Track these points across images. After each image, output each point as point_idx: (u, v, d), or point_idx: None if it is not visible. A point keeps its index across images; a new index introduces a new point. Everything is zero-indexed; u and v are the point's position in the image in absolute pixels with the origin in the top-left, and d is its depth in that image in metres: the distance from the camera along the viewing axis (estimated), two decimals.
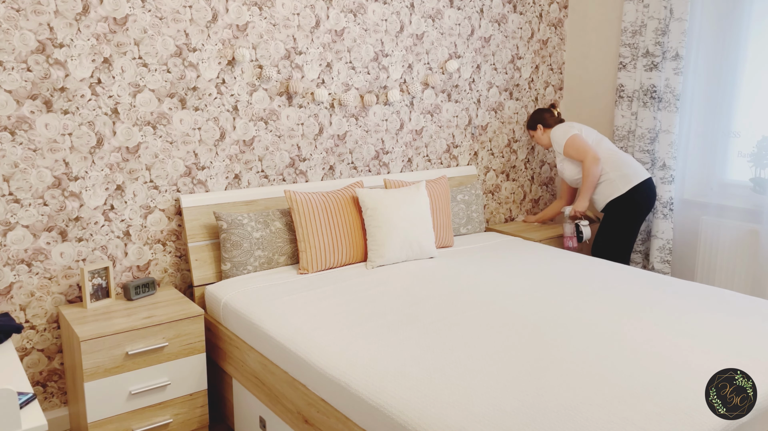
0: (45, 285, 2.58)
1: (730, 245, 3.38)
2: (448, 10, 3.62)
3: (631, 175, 3.37)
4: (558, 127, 3.57)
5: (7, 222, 2.46)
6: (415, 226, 2.98)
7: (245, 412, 2.51)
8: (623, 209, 3.38)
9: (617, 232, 3.41)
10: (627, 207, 3.37)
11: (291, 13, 3.03)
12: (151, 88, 2.70)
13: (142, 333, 2.39)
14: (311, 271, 2.84)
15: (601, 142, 3.51)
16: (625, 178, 3.37)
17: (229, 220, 2.79)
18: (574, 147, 3.44)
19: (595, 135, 3.54)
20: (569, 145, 3.46)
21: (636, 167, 3.41)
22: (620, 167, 3.40)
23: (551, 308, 2.34)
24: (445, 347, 2.00)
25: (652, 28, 3.56)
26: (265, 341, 2.27)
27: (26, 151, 2.46)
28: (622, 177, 3.38)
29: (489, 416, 1.58)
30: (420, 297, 2.47)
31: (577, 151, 3.43)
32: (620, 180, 3.38)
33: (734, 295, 2.52)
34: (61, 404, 2.69)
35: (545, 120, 3.72)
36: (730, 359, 1.90)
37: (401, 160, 3.59)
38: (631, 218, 3.38)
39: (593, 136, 3.53)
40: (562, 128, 3.55)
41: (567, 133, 3.49)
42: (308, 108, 3.17)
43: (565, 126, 3.54)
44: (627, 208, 3.37)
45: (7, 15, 2.35)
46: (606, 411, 1.59)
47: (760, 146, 3.28)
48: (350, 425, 1.83)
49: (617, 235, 3.41)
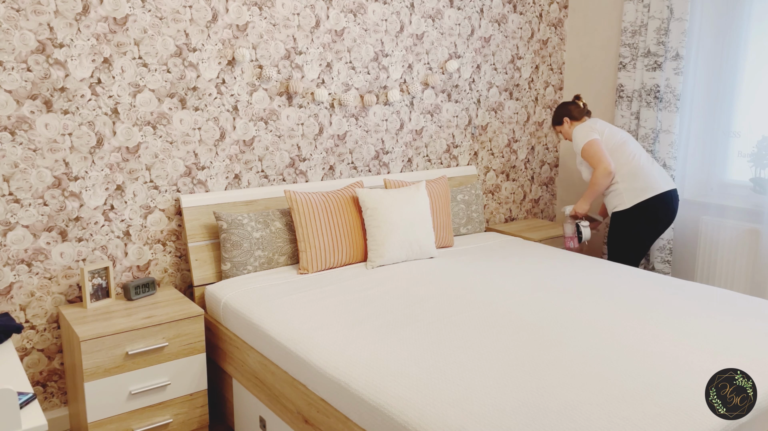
0: (45, 285, 2.58)
1: (730, 245, 3.38)
2: (448, 10, 3.62)
3: (641, 189, 3.24)
4: (580, 128, 3.41)
5: (7, 222, 2.46)
6: (415, 226, 2.98)
7: (245, 412, 2.51)
8: (626, 222, 3.29)
9: (622, 242, 3.33)
10: (629, 220, 3.28)
11: (291, 13, 3.03)
12: (151, 88, 2.70)
13: (142, 333, 2.39)
14: (311, 271, 2.84)
15: (624, 146, 3.33)
16: (633, 191, 3.25)
17: (229, 220, 2.79)
18: (590, 153, 3.32)
19: (621, 136, 3.36)
20: (586, 150, 3.33)
21: (653, 180, 3.26)
22: (633, 180, 3.26)
23: (551, 308, 2.34)
24: (445, 347, 2.00)
25: (654, 27, 3.56)
26: (265, 341, 2.27)
27: (26, 151, 2.46)
28: (632, 190, 3.25)
29: (489, 416, 1.58)
30: (420, 297, 2.47)
31: (591, 158, 3.32)
32: (628, 193, 3.26)
33: (734, 295, 2.52)
34: (61, 404, 2.69)
35: (571, 112, 3.53)
36: (730, 359, 1.90)
37: (401, 160, 3.59)
38: (633, 231, 3.28)
39: (618, 137, 3.35)
40: (584, 129, 3.39)
41: (587, 137, 3.34)
42: (308, 108, 3.17)
43: (587, 128, 3.38)
44: (629, 222, 3.28)
45: (7, 15, 2.35)
46: (606, 411, 1.59)
47: (760, 146, 3.28)
48: (350, 425, 1.83)
49: (622, 245, 3.33)
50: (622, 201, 3.29)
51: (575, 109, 3.53)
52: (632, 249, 3.33)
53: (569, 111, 3.53)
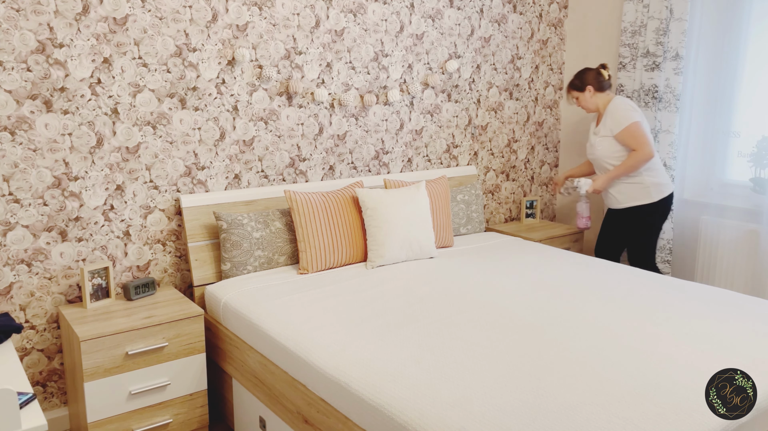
0: (45, 285, 2.58)
1: (730, 245, 3.38)
2: (448, 10, 3.62)
3: (664, 185, 3.24)
4: (625, 103, 3.22)
5: (7, 222, 2.46)
6: (415, 226, 2.98)
7: (245, 412, 2.51)
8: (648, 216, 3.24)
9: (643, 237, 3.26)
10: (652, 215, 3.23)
11: (291, 13, 3.03)
12: (151, 88, 2.70)
13: (142, 333, 2.39)
14: (311, 271, 2.84)
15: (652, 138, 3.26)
16: (658, 186, 3.22)
17: (229, 220, 2.79)
18: (635, 134, 3.13)
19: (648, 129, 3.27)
20: (630, 130, 3.14)
21: (668, 177, 3.26)
22: (657, 175, 3.23)
23: (551, 308, 2.34)
24: (445, 347, 2.00)
25: (653, 28, 3.56)
26: (265, 341, 2.27)
27: (26, 151, 2.46)
28: (657, 185, 3.22)
29: (489, 416, 1.58)
30: (420, 297, 2.47)
31: (636, 139, 3.13)
32: (655, 187, 3.22)
33: (734, 295, 2.52)
34: (61, 404, 2.69)
35: (598, 82, 3.31)
36: (730, 359, 1.90)
37: (401, 160, 3.59)
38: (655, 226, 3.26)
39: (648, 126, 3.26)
40: (628, 107, 3.19)
41: (632, 117, 3.16)
42: (308, 108, 3.17)
43: (630, 106, 3.21)
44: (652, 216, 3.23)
45: (7, 15, 2.35)
46: (606, 411, 1.59)
47: (760, 146, 3.28)
48: (350, 425, 1.83)
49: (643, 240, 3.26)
50: (648, 194, 3.21)
51: (601, 79, 3.33)
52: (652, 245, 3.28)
53: (597, 80, 3.32)
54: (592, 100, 3.36)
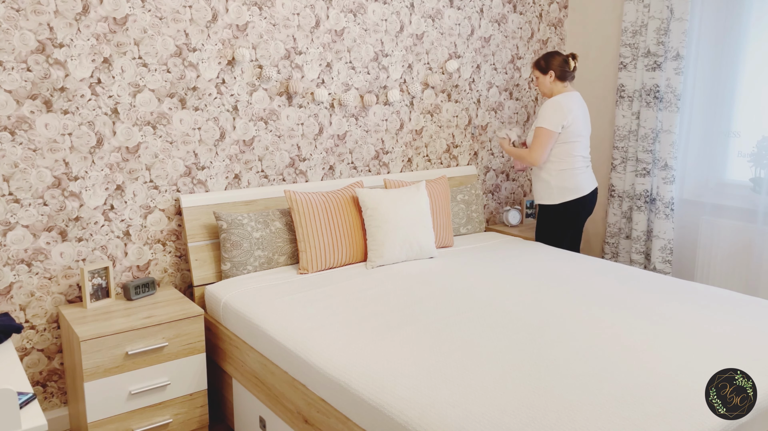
0: (45, 285, 2.58)
1: (730, 245, 3.38)
2: (448, 10, 3.62)
3: (568, 190, 3.29)
4: (556, 105, 3.20)
5: (7, 222, 2.46)
6: (415, 226, 2.98)
7: (245, 412, 2.51)
8: (551, 215, 3.39)
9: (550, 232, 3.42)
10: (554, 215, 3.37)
11: (291, 13, 3.03)
12: (151, 88, 2.70)
13: (142, 333, 2.39)
14: (311, 271, 2.84)
15: (574, 146, 3.25)
16: (561, 191, 3.30)
17: (229, 220, 2.79)
18: (537, 137, 3.24)
19: (578, 133, 3.24)
20: (536, 131, 3.25)
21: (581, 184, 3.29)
22: (564, 180, 3.28)
23: (551, 308, 2.34)
24: (445, 347, 2.00)
25: (654, 27, 3.56)
26: (265, 341, 2.27)
27: (26, 151, 2.46)
28: (561, 189, 3.30)
29: (489, 416, 1.58)
30: (420, 297, 2.47)
31: (535, 141, 3.25)
32: (558, 191, 3.31)
33: (734, 295, 2.52)
34: (61, 404, 2.69)
35: (561, 70, 3.29)
36: (730, 359, 1.90)
37: (401, 160, 3.59)
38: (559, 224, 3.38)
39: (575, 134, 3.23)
40: (557, 111, 3.19)
41: (551, 123, 3.19)
42: (308, 108, 3.16)
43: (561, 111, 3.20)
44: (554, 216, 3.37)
45: (7, 15, 2.35)
46: (606, 411, 1.59)
47: (760, 146, 3.28)
48: (350, 425, 1.83)
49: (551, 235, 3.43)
50: (551, 196, 3.35)
51: (565, 69, 3.30)
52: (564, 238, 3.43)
53: (560, 68, 3.29)
54: (549, 87, 3.33)
